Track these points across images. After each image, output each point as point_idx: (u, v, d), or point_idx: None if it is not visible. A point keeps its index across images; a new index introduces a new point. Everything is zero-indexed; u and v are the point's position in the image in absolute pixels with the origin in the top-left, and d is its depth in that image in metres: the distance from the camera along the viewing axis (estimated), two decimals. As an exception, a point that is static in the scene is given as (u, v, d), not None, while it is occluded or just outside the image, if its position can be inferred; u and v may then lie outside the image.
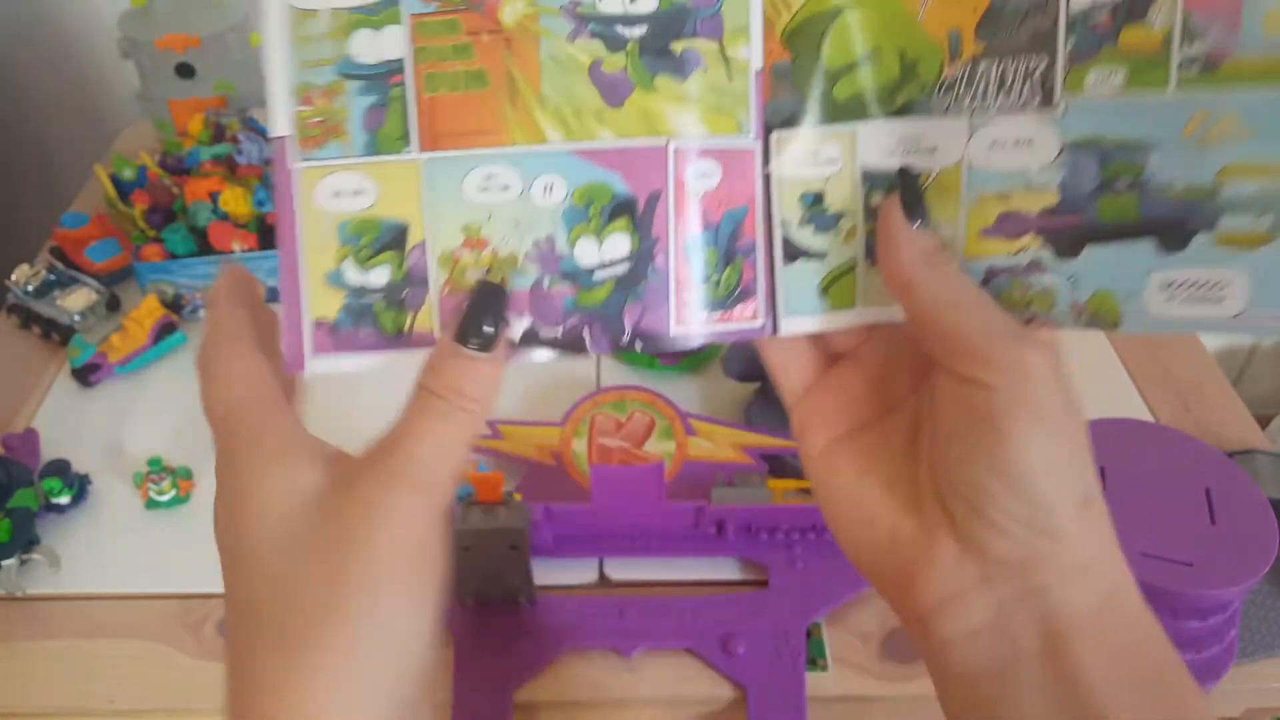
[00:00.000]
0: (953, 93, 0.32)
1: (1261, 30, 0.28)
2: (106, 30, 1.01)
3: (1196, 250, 0.30)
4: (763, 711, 0.58)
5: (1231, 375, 1.45)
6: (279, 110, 0.32)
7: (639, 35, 0.32)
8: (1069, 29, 0.31)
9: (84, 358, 0.78)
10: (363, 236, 0.33)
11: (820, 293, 0.34)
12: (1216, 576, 0.55)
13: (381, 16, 0.32)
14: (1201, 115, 0.29)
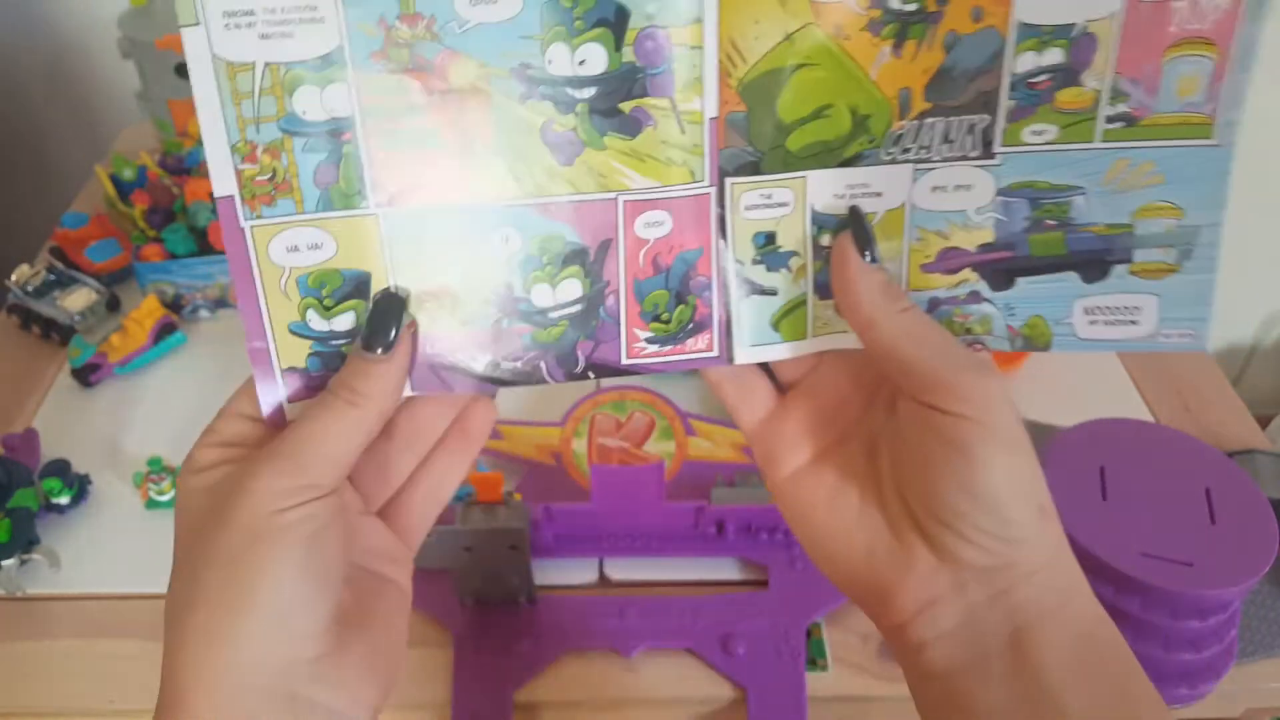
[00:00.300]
0: (900, 144, 0.34)
1: (1176, 92, 0.33)
2: (106, 30, 1.02)
3: (1115, 280, 0.35)
4: (763, 711, 0.58)
5: (1231, 375, 1.45)
6: (220, 169, 0.33)
7: (588, 97, 0.33)
8: (1011, 90, 0.33)
9: (84, 358, 0.78)
10: (324, 287, 0.34)
11: (773, 325, 0.37)
12: (1216, 576, 0.55)
13: (326, 73, 0.32)
14: (1121, 164, 0.34)
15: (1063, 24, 0.33)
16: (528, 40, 0.32)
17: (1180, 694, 0.58)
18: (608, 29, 0.33)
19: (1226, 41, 0.33)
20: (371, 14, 0.32)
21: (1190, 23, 0.33)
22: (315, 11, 0.31)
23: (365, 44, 0.32)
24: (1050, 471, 0.61)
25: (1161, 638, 0.57)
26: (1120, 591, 0.56)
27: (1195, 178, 0.34)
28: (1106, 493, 0.60)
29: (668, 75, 0.33)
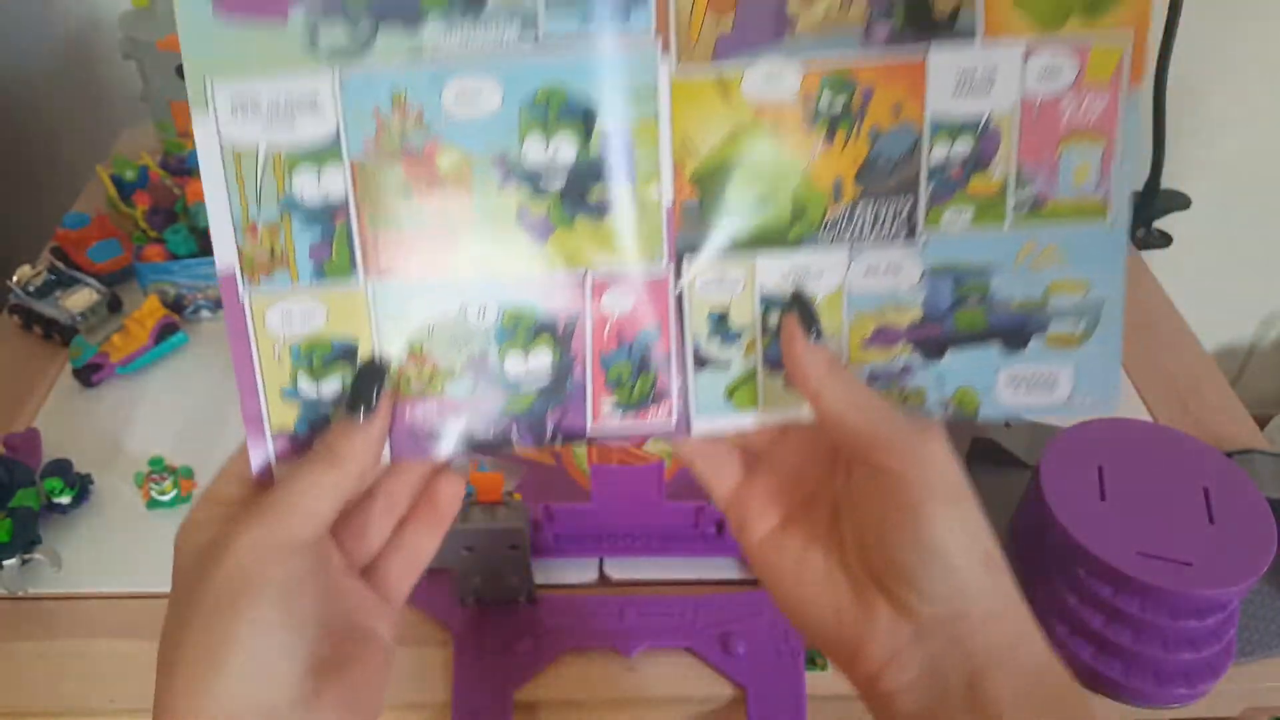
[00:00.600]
0: (836, 228, 0.38)
1: (1073, 179, 0.37)
2: (108, 31, 1.02)
3: (1033, 351, 0.39)
4: (762, 711, 0.58)
5: (1230, 376, 1.45)
6: (224, 245, 0.36)
7: (559, 185, 0.37)
8: (929, 177, 0.37)
9: (85, 358, 0.78)
10: (314, 354, 0.37)
11: (726, 397, 0.40)
12: (1215, 576, 0.55)
13: (323, 157, 0.36)
14: (1031, 245, 0.38)
15: (969, 119, 0.37)
16: (506, 133, 0.36)
17: (1179, 693, 0.58)
18: (578, 124, 0.36)
19: (1111, 134, 0.37)
20: (366, 105, 0.35)
21: (1078, 117, 0.37)
22: (315, 101, 0.35)
23: (359, 132, 0.36)
24: (1049, 471, 0.62)
25: (1160, 637, 0.57)
26: (1119, 591, 0.56)
27: (1095, 256, 0.38)
28: (1105, 493, 0.60)
29: (629, 166, 0.37)
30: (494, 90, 0.36)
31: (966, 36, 0.36)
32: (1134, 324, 0.90)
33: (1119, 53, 0.36)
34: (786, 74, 0.36)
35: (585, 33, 0.36)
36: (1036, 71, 0.36)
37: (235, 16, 0.34)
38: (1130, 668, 0.58)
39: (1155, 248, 1.10)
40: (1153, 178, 1.08)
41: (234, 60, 0.35)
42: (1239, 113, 1.18)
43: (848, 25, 0.36)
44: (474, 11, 0.35)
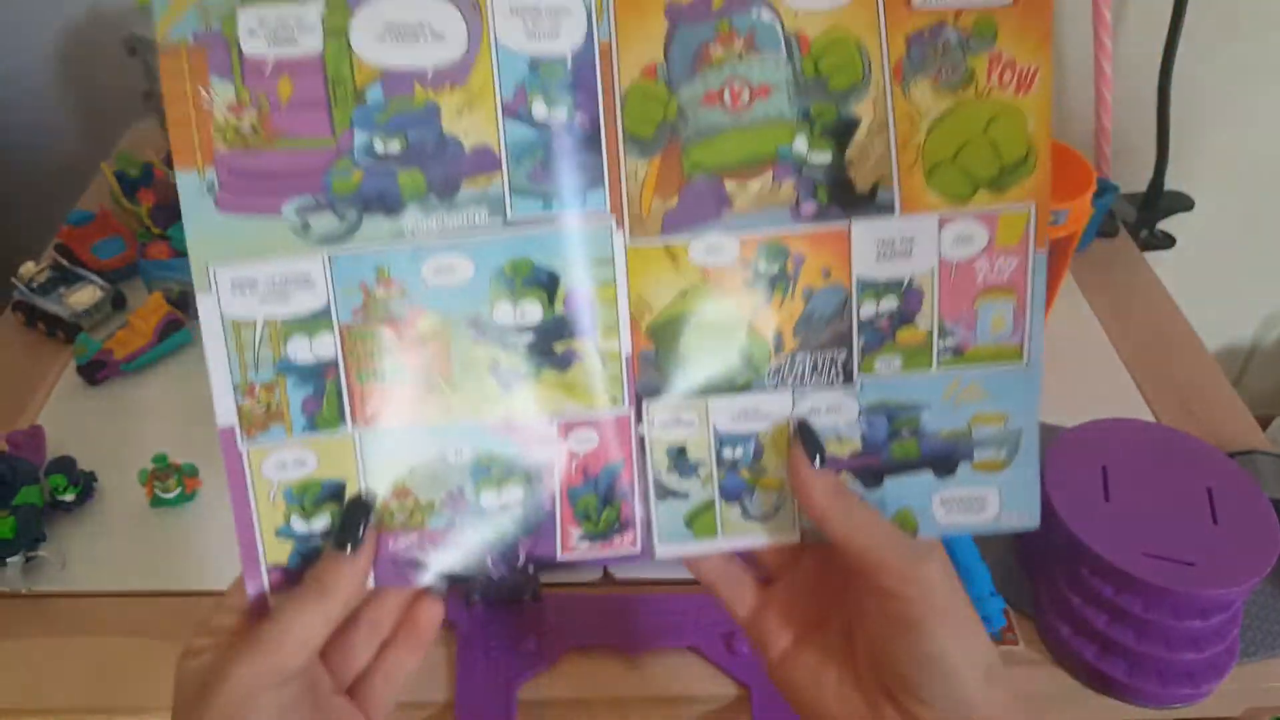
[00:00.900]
0: (779, 375, 0.42)
1: (990, 329, 0.41)
2: (112, 28, 1.02)
3: (962, 476, 0.42)
4: (766, 710, 0.59)
5: (1232, 376, 1.45)
6: (223, 406, 0.40)
7: (528, 341, 0.41)
8: (859, 330, 0.41)
9: (89, 355, 0.78)
10: (306, 495, 0.41)
11: (686, 525, 0.43)
12: (1218, 576, 0.55)
13: (315, 325, 0.40)
14: (955, 384, 0.42)
15: (893, 280, 0.41)
16: (479, 299, 0.40)
17: (1182, 693, 0.58)
18: (542, 289, 0.41)
19: (1022, 290, 0.41)
20: (354, 280, 0.40)
21: (991, 277, 0.41)
22: (308, 279, 0.39)
23: (348, 302, 0.40)
24: (1053, 472, 0.62)
25: (1164, 637, 0.57)
26: (1122, 591, 0.56)
27: (1013, 392, 0.42)
28: (1109, 493, 0.60)
29: (591, 323, 0.41)
30: (467, 264, 0.40)
31: (886, 210, 0.40)
32: (1136, 325, 0.90)
33: (1024, 220, 0.40)
34: (727, 244, 0.41)
35: (548, 214, 0.40)
36: (951, 238, 0.40)
37: (234, 211, 0.39)
38: (1134, 667, 0.58)
39: (1158, 249, 1.10)
40: (1156, 179, 1.08)
41: (233, 247, 0.39)
42: (1242, 115, 1.18)
43: (779, 203, 0.41)
44: (448, 199, 0.40)
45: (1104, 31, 1.03)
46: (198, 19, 0.38)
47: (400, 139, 0.39)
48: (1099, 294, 0.94)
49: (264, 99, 0.38)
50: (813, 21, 0.39)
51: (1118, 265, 0.99)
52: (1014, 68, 0.39)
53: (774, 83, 0.40)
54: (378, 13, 0.38)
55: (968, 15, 0.39)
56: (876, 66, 0.40)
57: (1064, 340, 0.85)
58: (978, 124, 0.40)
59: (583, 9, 0.40)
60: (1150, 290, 0.95)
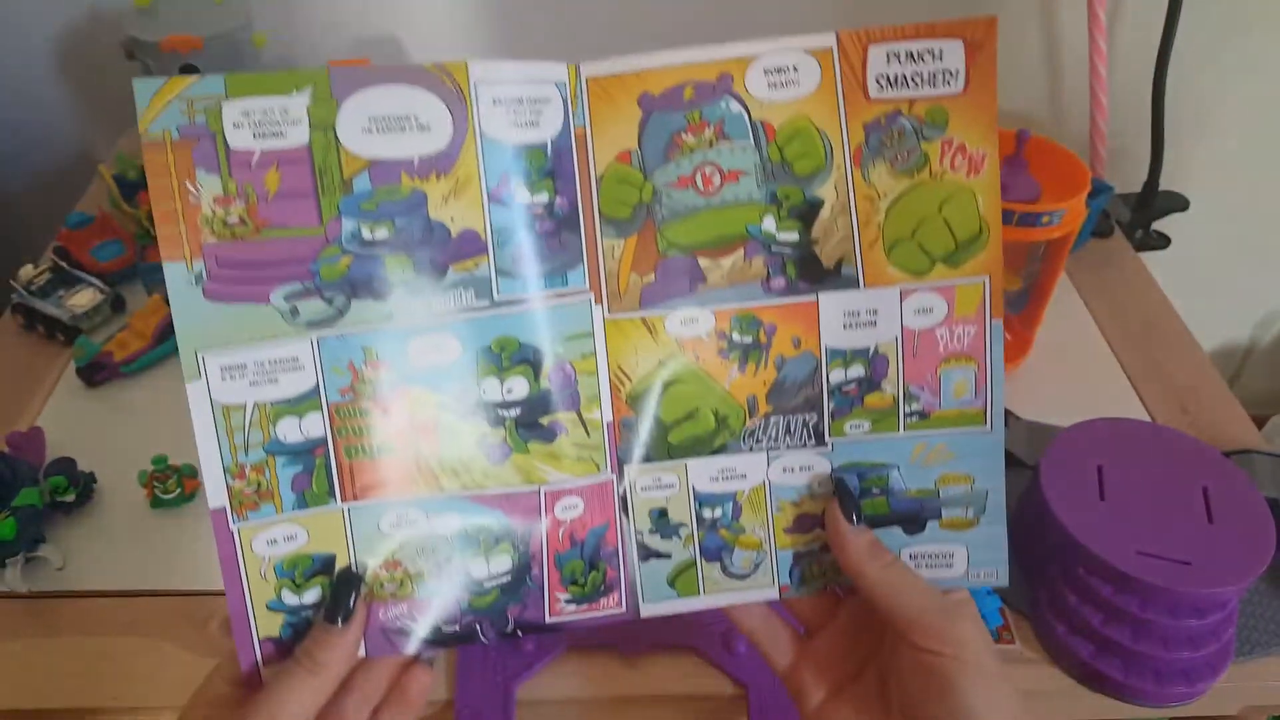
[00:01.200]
0: (754, 437, 0.44)
1: (954, 394, 0.43)
2: (111, 31, 1.02)
3: (930, 533, 0.44)
4: (763, 709, 0.59)
5: (1227, 376, 1.46)
6: (214, 488, 0.40)
7: (514, 415, 0.42)
8: (829, 396, 0.44)
9: (89, 357, 0.79)
10: (297, 569, 0.41)
11: (670, 584, 0.45)
12: (1214, 575, 0.55)
13: (304, 406, 0.40)
14: (922, 446, 0.44)
15: (859, 349, 0.43)
16: (466, 377, 0.41)
17: (1178, 692, 0.58)
18: (528, 365, 0.42)
19: (981, 356, 0.43)
20: (342, 361, 0.40)
21: (952, 345, 0.43)
22: (296, 362, 0.40)
23: (336, 383, 0.40)
24: (1049, 471, 0.62)
25: (1160, 636, 0.57)
26: (1119, 590, 0.56)
27: (978, 454, 0.44)
28: (1105, 492, 0.60)
29: (573, 395, 0.43)
30: (454, 343, 0.41)
31: (851, 284, 0.43)
32: (1132, 325, 0.90)
33: (980, 292, 0.43)
34: (702, 316, 0.43)
35: (530, 294, 0.42)
36: (912, 309, 0.43)
37: (222, 300, 0.39)
38: (1130, 666, 0.58)
39: (1154, 249, 1.10)
40: (1151, 179, 1.08)
41: (222, 335, 0.39)
42: (1237, 114, 1.18)
43: (750, 278, 0.43)
44: (435, 283, 0.41)
45: (1098, 32, 1.03)
46: (182, 113, 0.38)
47: (387, 225, 0.40)
48: (1094, 294, 0.94)
49: (251, 190, 0.39)
50: (777, 111, 0.42)
51: (1113, 265, 0.99)
52: (965, 152, 0.42)
53: (743, 168, 0.42)
54: (364, 105, 0.39)
55: (920, 104, 0.41)
56: (838, 152, 0.42)
57: (1059, 341, 0.85)
58: (933, 204, 0.42)
59: (560, 98, 0.41)
60: (1146, 290, 0.96)
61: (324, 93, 0.39)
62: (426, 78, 0.39)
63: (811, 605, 0.46)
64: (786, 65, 0.41)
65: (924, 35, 0.41)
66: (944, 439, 0.44)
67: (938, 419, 0.44)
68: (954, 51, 0.41)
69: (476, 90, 0.40)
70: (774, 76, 0.41)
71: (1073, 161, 0.76)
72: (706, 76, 0.41)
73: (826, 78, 0.41)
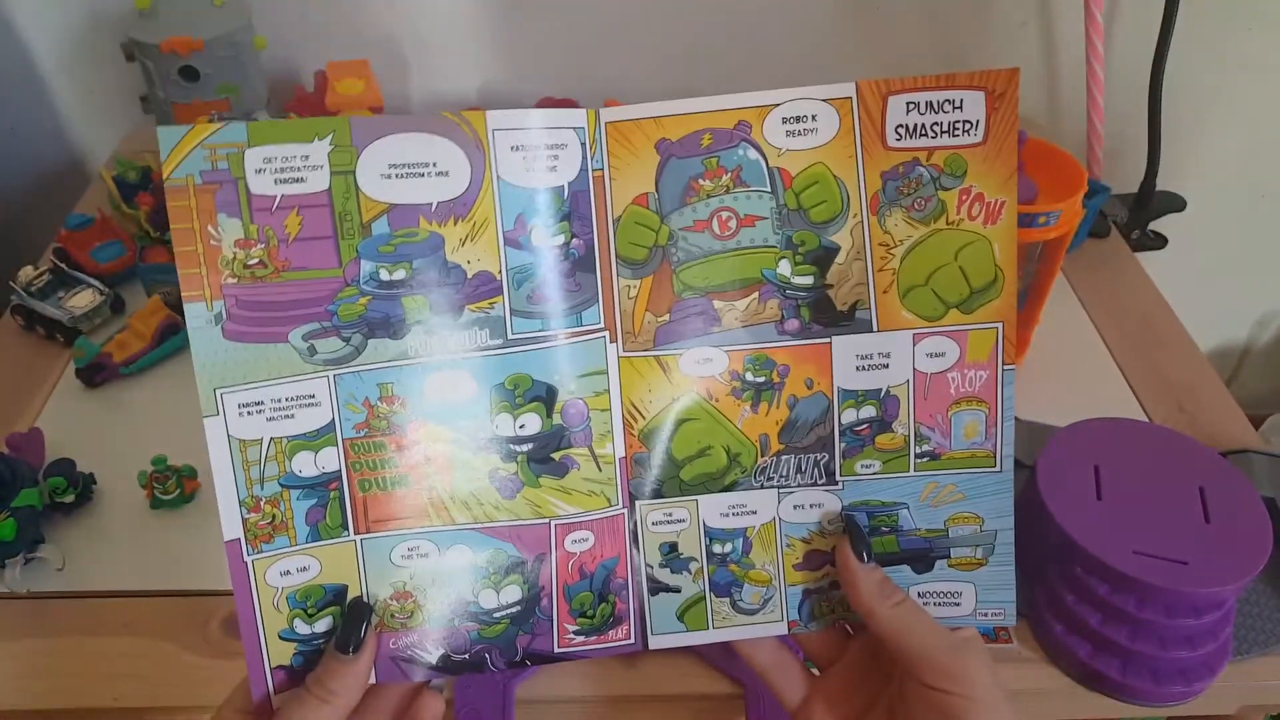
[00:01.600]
0: (765, 474, 0.45)
1: (964, 436, 0.44)
2: (111, 33, 1.02)
3: (938, 572, 0.45)
4: (761, 708, 0.59)
5: (1225, 376, 1.46)
6: (229, 520, 0.41)
7: (527, 450, 0.43)
8: (841, 436, 0.44)
9: (88, 358, 0.79)
10: (309, 599, 0.42)
11: (679, 618, 0.46)
12: (1211, 575, 0.55)
13: (320, 442, 0.41)
14: (932, 486, 0.45)
15: (871, 389, 0.44)
16: (480, 413, 0.42)
17: (1175, 691, 0.58)
18: (541, 402, 0.43)
19: (993, 400, 0.44)
20: (358, 397, 0.41)
21: (963, 387, 0.44)
22: (313, 399, 0.41)
23: (351, 419, 0.41)
24: (1046, 471, 0.62)
25: (1157, 635, 0.57)
26: (1116, 590, 0.57)
27: (988, 495, 0.44)
28: (1101, 492, 0.60)
29: (586, 431, 0.43)
30: (469, 380, 0.42)
31: (864, 328, 0.43)
32: (1129, 325, 0.90)
33: (993, 338, 0.43)
34: (716, 356, 0.44)
35: (546, 332, 0.42)
36: (925, 353, 0.43)
37: (241, 340, 0.40)
38: (1127, 666, 0.58)
39: (1151, 249, 1.11)
40: (1148, 179, 1.08)
41: (240, 373, 0.40)
42: (1234, 115, 1.19)
43: (764, 320, 0.43)
44: (451, 322, 0.41)
45: (1095, 33, 1.03)
46: (204, 159, 0.39)
47: (405, 267, 0.41)
48: (1091, 294, 0.94)
49: (271, 234, 0.40)
50: (795, 159, 0.42)
51: (1110, 265, 0.99)
52: (982, 201, 0.42)
53: (759, 213, 0.43)
54: (384, 152, 0.40)
55: (939, 154, 0.42)
56: (854, 199, 0.42)
57: (1057, 341, 0.86)
58: (948, 252, 0.42)
59: (578, 142, 0.42)
60: (1143, 290, 0.96)
61: (344, 140, 0.40)
62: (445, 126, 0.40)
63: (821, 641, 0.47)
64: (805, 114, 0.42)
65: (944, 86, 0.41)
66: (954, 480, 0.44)
67: (948, 460, 0.44)
68: (975, 102, 0.41)
69: (494, 138, 0.41)
70: (792, 125, 0.42)
71: (1070, 162, 0.76)
72: (724, 124, 0.42)
73: (844, 126, 0.42)
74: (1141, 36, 1.05)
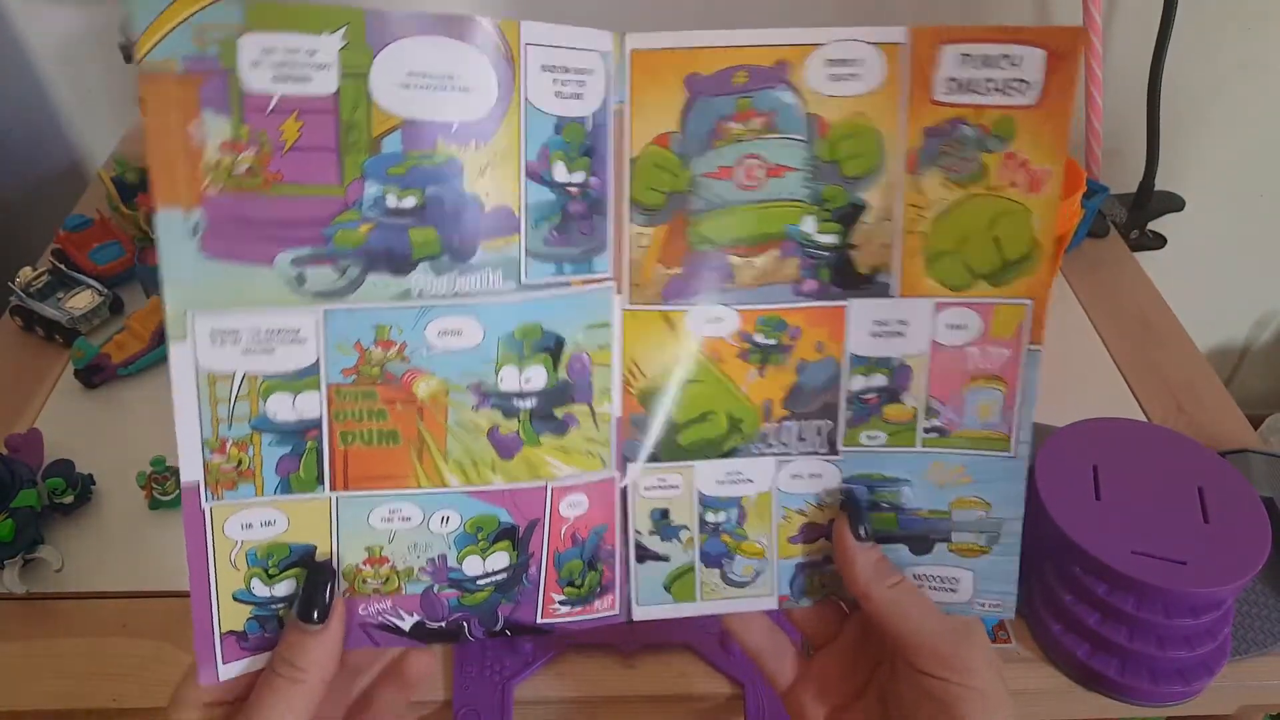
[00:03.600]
0: (765, 442, 0.42)
1: (977, 415, 0.41)
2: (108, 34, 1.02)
3: (937, 555, 0.43)
4: (760, 708, 0.59)
5: (1224, 375, 1.46)
6: (189, 461, 0.36)
7: (530, 406, 0.40)
8: (848, 403, 0.42)
9: (87, 359, 0.79)
10: (271, 558, 0.38)
11: (665, 588, 0.43)
12: (1210, 574, 0.56)
13: (301, 384, 0.37)
14: (938, 465, 0.42)
15: (884, 358, 0.41)
16: (484, 364, 0.38)
17: (1174, 691, 0.58)
18: (549, 354, 0.39)
19: (1013, 380, 0.41)
20: (349, 338, 0.37)
21: (982, 364, 0.41)
22: (298, 334, 0.36)
23: (339, 361, 0.37)
24: (1044, 470, 0.62)
25: (1155, 635, 0.57)
26: (1114, 589, 0.57)
27: (998, 480, 0.42)
28: (1100, 492, 0.60)
29: (588, 386, 0.40)
30: (476, 328, 0.38)
31: (884, 292, 0.41)
32: (1128, 325, 0.90)
33: (1020, 315, 0.40)
34: (726, 316, 0.41)
35: (560, 278, 0.39)
36: (945, 324, 0.41)
37: (221, 257, 0.35)
38: (1126, 666, 0.58)
39: (1150, 249, 1.11)
40: (1147, 179, 1.08)
41: (216, 295, 0.35)
42: (1233, 114, 1.19)
43: (781, 280, 0.41)
44: (463, 261, 0.37)
45: (1094, 33, 1.03)
46: (189, 40, 0.33)
47: (417, 194, 0.36)
48: (1090, 294, 0.94)
49: (265, 139, 0.34)
50: (834, 106, 0.39)
51: (1109, 265, 0.99)
52: (1027, 168, 0.39)
53: (790, 164, 0.39)
54: (403, 56, 0.35)
55: (989, 113, 0.38)
56: (892, 155, 0.39)
57: (1055, 340, 0.85)
58: (983, 219, 0.39)
59: (604, 69, 0.38)
60: (1141, 290, 0.96)
61: (359, 37, 0.34)
62: (475, 31, 0.35)
63: (816, 619, 0.45)
64: (851, 58, 0.38)
65: (1004, 38, 0.37)
66: (962, 460, 0.42)
67: (958, 438, 0.42)
68: (1033, 60, 0.37)
69: (526, 53, 0.36)
70: (836, 69, 0.38)
71: (1068, 162, 0.76)
72: (763, 61, 0.38)
73: (891, 74, 0.38)
74: (1140, 36, 1.05)
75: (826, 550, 0.44)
